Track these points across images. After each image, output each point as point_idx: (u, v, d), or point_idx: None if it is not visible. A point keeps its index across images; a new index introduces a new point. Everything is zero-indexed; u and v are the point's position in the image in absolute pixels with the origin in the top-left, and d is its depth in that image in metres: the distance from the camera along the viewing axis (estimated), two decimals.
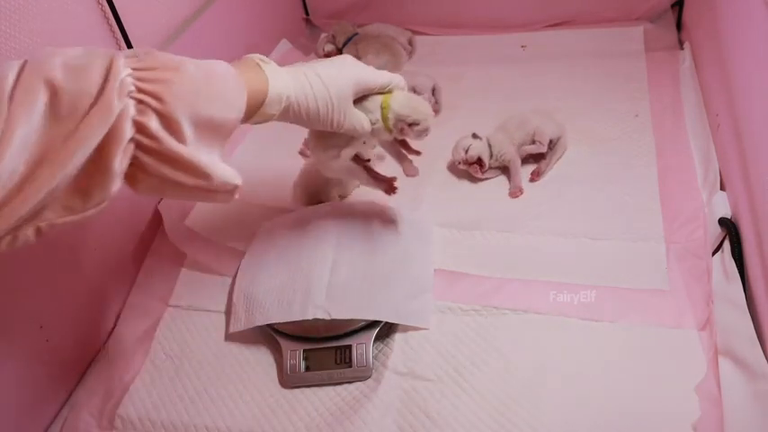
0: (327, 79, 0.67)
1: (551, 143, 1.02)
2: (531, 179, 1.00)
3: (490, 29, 1.45)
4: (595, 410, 0.68)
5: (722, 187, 0.88)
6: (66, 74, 0.47)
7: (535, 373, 0.72)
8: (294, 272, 0.83)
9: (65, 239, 0.80)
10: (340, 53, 1.44)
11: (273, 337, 0.79)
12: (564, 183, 0.99)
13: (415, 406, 0.72)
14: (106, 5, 0.88)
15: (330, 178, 0.92)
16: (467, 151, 0.99)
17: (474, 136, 1.01)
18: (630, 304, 0.78)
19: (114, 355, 0.85)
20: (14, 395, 0.74)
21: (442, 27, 1.49)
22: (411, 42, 1.45)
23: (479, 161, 0.99)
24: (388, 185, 0.82)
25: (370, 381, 0.75)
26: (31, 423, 0.77)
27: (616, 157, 1.02)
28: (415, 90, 1.21)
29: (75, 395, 0.82)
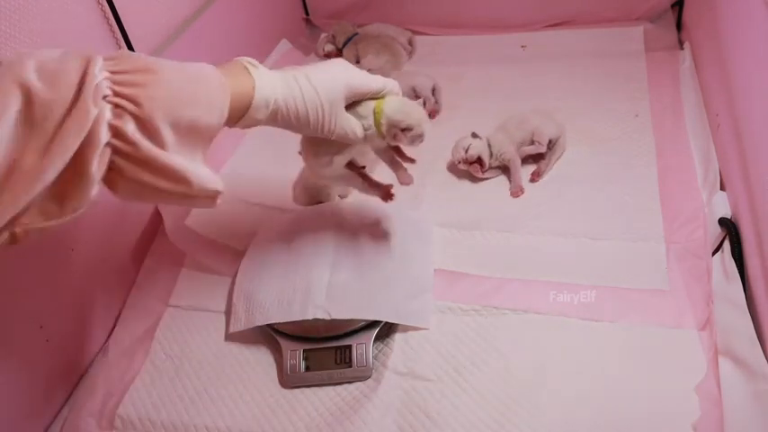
0: (318, 83, 0.64)
1: (551, 143, 1.02)
2: (531, 179, 1.00)
3: (490, 29, 1.45)
4: (595, 410, 0.68)
5: (722, 187, 0.89)
6: (41, 78, 0.46)
7: (535, 373, 0.72)
8: (294, 272, 0.83)
9: (65, 240, 0.80)
10: (340, 53, 1.44)
11: (273, 337, 0.79)
12: (564, 183, 0.99)
13: (415, 406, 0.72)
14: (106, 5, 0.88)
15: None
16: (467, 151, 0.99)
17: (474, 135, 1.01)
18: (630, 304, 0.78)
19: (114, 355, 0.85)
20: (15, 395, 0.74)
21: (442, 27, 1.49)
22: (411, 42, 1.45)
23: (479, 160, 0.99)
24: (384, 192, 0.79)
25: (370, 381, 0.75)
26: (31, 423, 0.77)
27: (616, 157, 1.02)
28: (415, 90, 1.22)
29: (75, 395, 0.82)
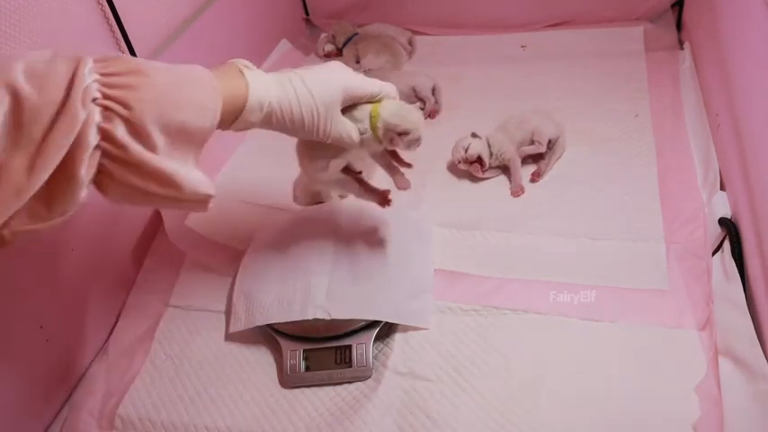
0: (313, 86, 0.63)
1: (550, 143, 1.02)
2: (531, 180, 1.00)
3: (490, 29, 1.45)
4: (595, 410, 0.68)
5: (722, 187, 0.88)
6: (30, 80, 0.45)
7: (535, 373, 0.72)
8: (294, 272, 0.83)
9: (65, 240, 0.80)
10: (340, 53, 1.44)
11: (273, 337, 0.79)
12: (564, 183, 0.99)
13: (415, 406, 0.72)
14: (106, 5, 0.88)
15: None
16: (467, 150, 0.99)
17: (473, 135, 1.01)
18: (630, 304, 0.78)
19: (114, 355, 0.85)
20: (14, 395, 0.74)
21: (442, 27, 1.49)
22: (411, 42, 1.45)
23: (479, 160, 0.99)
24: (381, 198, 0.78)
25: (370, 381, 0.75)
26: (31, 423, 0.77)
27: (616, 157, 1.02)
28: (415, 90, 1.22)
29: (75, 395, 0.82)
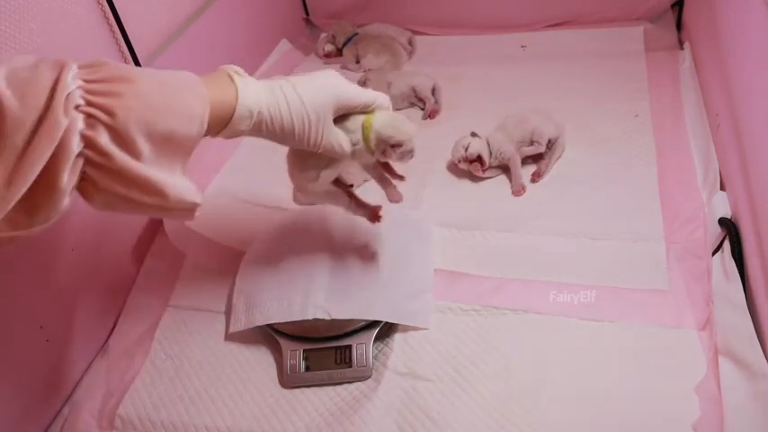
0: (305, 94, 0.62)
1: (550, 143, 1.02)
2: (531, 180, 1.00)
3: (490, 29, 1.45)
4: (595, 410, 0.68)
5: (722, 187, 0.88)
6: (11, 86, 0.44)
7: (535, 373, 0.72)
8: (294, 272, 0.84)
9: (65, 240, 0.80)
10: (340, 53, 1.44)
11: (273, 337, 0.79)
12: (564, 183, 0.99)
13: (415, 406, 0.72)
14: (106, 5, 0.88)
15: None
16: (466, 149, 0.99)
17: (473, 135, 1.01)
18: (630, 304, 0.78)
19: (114, 355, 0.85)
20: (15, 395, 0.74)
21: (442, 27, 1.49)
22: (411, 42, 1.45)
23: (479, 158, 0.99)
24: (371, 214, 0.78)
25: (370, 381, 0.75)
26: (31, 423, 0.77)
27: (616, 157, 1.02)
28: (415, 90, 1.22)
29: (75, 395, 0.82)
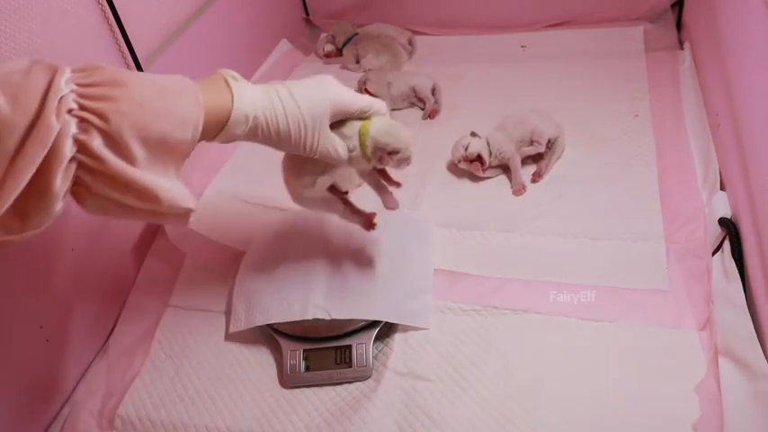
0: (301, 98, 0.61)
1: (549, 143, 1.02)
2: (531, 180, 1.00)
3: (490, 29, 1.45)
4: (595, 410, 0.68)
5: (722, 187, 0.88)
6: (3, 90, 0.44)
7: (535, 373, 0.72)
8: (294, 272, 0.84)
9: (65, 240, 0.80)
10: (340, 53, 1.44)
11: (273, 337, 0.79)
12: (564, 183, 0.99)
13: (415, 406, 0.72)
14: (106, 5, 0.88)
15: None
16: (466, 149, 0.99)
17: (473, 135, 1.01)
18: (630, 304, 0.78)
19: (114, 355, 0.85)
20: (15, 395, 0.74)
21: (442, 27, 1.49)
22: (411, 42, 1.45)
23: (479, 158, 0.99)
24: (366, 221, 0.78)
25: (370, 381, 0.75)
26: (31, 423, 0.77)
27: (616, 157, 1.02)
28: (415, 90, 1.22)
29: (75, 395, 0.82)
